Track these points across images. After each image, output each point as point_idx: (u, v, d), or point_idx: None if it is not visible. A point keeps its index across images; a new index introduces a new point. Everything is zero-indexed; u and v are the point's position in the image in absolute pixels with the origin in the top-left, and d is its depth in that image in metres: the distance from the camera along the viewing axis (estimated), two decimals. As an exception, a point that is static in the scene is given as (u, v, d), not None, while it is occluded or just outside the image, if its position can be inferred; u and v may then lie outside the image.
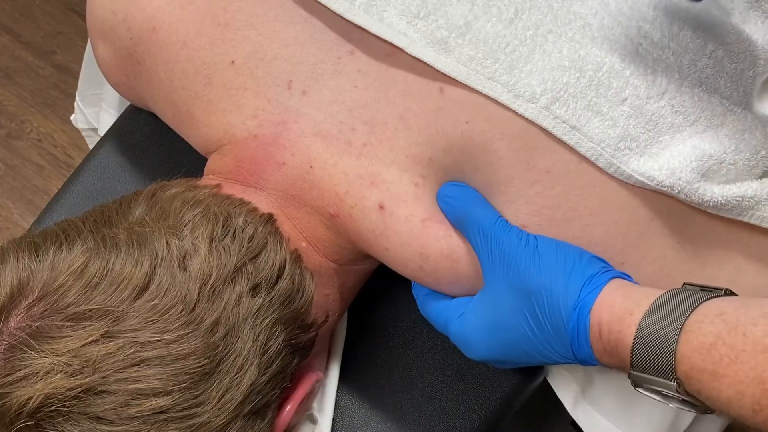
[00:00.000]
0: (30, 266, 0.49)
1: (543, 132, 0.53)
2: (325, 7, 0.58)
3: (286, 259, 0.56)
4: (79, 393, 0.46)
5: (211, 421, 0.49)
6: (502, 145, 0.54)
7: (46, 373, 0.46)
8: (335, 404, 0.68)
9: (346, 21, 0.58)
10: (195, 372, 0.49)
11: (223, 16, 0.61)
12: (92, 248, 0.50)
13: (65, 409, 0.46)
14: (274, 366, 0.53)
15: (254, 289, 0.53)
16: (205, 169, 0.64)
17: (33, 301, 0.48)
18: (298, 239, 0.60)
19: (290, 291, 0.55)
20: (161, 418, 0.48)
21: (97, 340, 0.47)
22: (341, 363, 0.69)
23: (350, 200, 0.58)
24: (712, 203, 0.54)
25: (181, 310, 0.49)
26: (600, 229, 0.54)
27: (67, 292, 0.48)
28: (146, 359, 0.47)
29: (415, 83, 0.57)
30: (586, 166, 0.54)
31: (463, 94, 0.55)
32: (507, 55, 0.54)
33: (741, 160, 0.55)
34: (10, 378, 0.46)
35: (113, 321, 0.47)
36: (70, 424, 0.46)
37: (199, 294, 0.50)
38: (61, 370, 0.46)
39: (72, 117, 1.01)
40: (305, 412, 0.65)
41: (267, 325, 0.53)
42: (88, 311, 0.47)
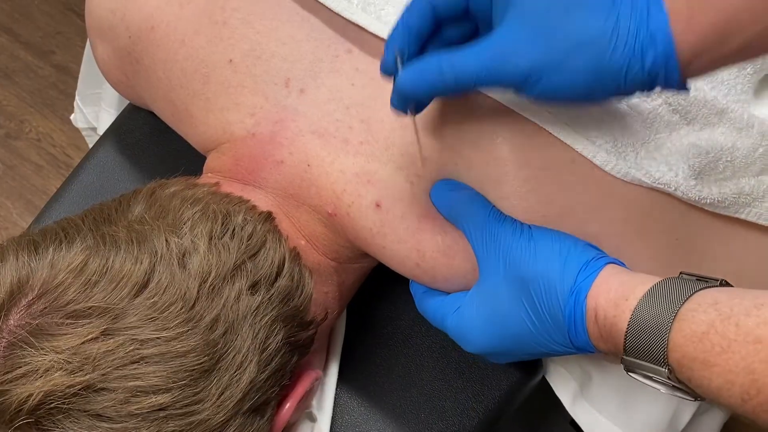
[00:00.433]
0: (29, 264, 0.49)
1: (538, 129, 0.54)
2: (323, 6, 0.58)
3: (285, 257, 0.56)
4: (78, 390, 0.46)
5: (211, 418, 0.50)
6: (497, 143, 0.54)
7: (46, 370, 0.46)
8: (334, 402, 0.68)
9: (343, 19, 0.58)
10: (194, 369, 0.49)
11: (221, 15, 0.61)
12: (92, 246, 0.50)
13: (65, 406, 0.46)
14: (274, 363, 0.53)
15: (253, 287, 0.53)
16: (204, 167, 0.64)
17: (33, 298, 0.48)
18: (297, 237, 0.60)
19: (289, 288, 0.55)
20: (161, 415, 0.48)
21: (96, 338, 0.47)
22: (340, 361, 0.70)
23: (347, 198, 0.58)
24: (709, 201, 0.54)
25: (181, 308, 0.49)
26: (595, 225, 0.54)
27: (67, 289, 0.48)
28: (146, 356, 0.47)
29: None
30: (582, 163, 0.54)
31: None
32: None
33: (738, 158, 0.55)
34: (9, 375, 0.46)
35: (113, 318, 0.47)
36: (70, 422, 0.46)
37: (198, 291, 0.50)
38: (61, 368, 0.46)
39: (71, 116, 1.01)
40: (304, 410, 0.65)
41: (266, 322, 0.53)
42: (88, 309, 0.47)
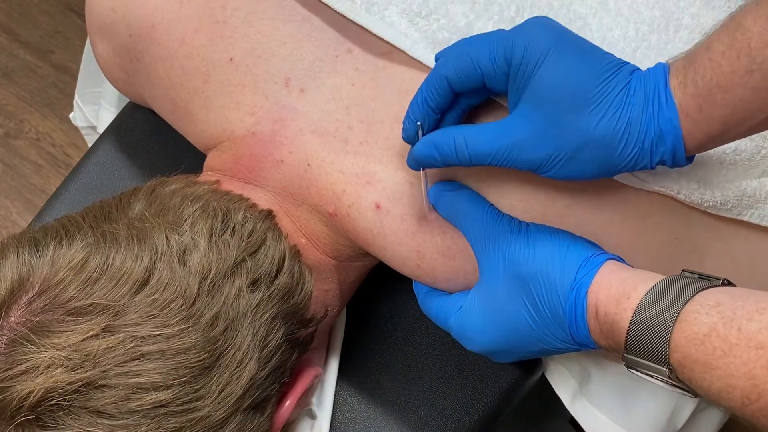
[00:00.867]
0: (30, 262, 0.49)
1: None
2: (326, 6, 0.58)
3: (285, 255, 0.56)
4: (79, 387, 0.46)
5: (211, 415, 0.50)
6: None
7: (47, 367, 0.46)
8: (334, 399, 0.69)
9: (344, 19, 0.58)
10: (195, 366, 0.49)
11: (221, 14, 0.61)
12: (92, 243, 0.50)
13: (66, 403, 0.46)
14: (274, 360, 0.54)
15: (254, 284, 0.53)
16: (204, 165, 0.64)
17: (33, 296, 0.48)
18: (298, 235, 0.60)
19: (289, 286, 0.56)
20: (161, 412, 0.48)
21: (97, 335, 0.47)
22: (340, 358, 0.70)
23: (347, 199, 0.58)
24: (711, 203, 0.54)
25: (181, 305, 0.49)
26: (594, 225, 0.55)
27: (68, 287, 0.48)
28: (146, 353, 0.47)
29: (412, 83, 0.57)
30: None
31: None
32: None
33: (741, 161, 0.55)
34: (10, 372, 0.46)
35: (113, 315, 0.48)
36: (71, 418, 0.46)
37: (198, 289, 0.50)
38: (62, 365, 0.46)
39: (71, 115, 1.01)
40: (304, 407, 0.65)
41: (266, 319, 0.53)
42: (89, 306, 0.48)
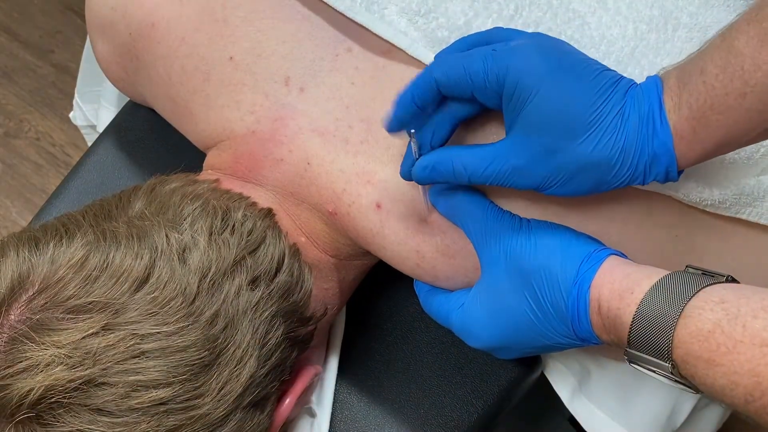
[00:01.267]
0: (30, 260, 0.49)
1: None
2: (325, 4, 0.59)
3: (284, 253, 0.56)
4: (79, 385, 0.46)
5: (211, 412, 0.50)
6: (494, 141, 0.54)
7: (47, 365, 0.46)
8: (334, 398, 0.69)
9: (344, 18, 0.59)
10: (195, 364, 0.49)
11: (221, 12, 0.61)
12: (92, 242, 0.50)
13: (66, 400, 0.46)
14: (274, 358, 0.54)
15: (253, 282, 0.53)
16: (204, 164, 0.64)
17: (33, 294, 0.48)
18: (297, 234, 0.60)
19: (289, 284, 0.56)
20: (161, 409, 0.48)
21: (97, 333, 0.47)
22: (340, 357, 0.70)
23: (348, 198, 0.58)
24: (710, 202, 0.54)
25: (181, 303, 0.49)
26: (595, 224, 0.55)
27: (68, 284, 0.48)
28: (146, 351, 0.47)
29: None
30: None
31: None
32: None
33: (740, 159, 0.55)
34: (11, 370, 0.46)
35: (113, 313, 0.48)
36: (71, 416, 0.46)
37: (198, 287, 0.50)
38: (62, 362, 0.46)
39: (71, 114, 1.01)
40: (304, 405, 0.65)
41: (266, 317, 0.53)
42: (88, 304, 0.48)
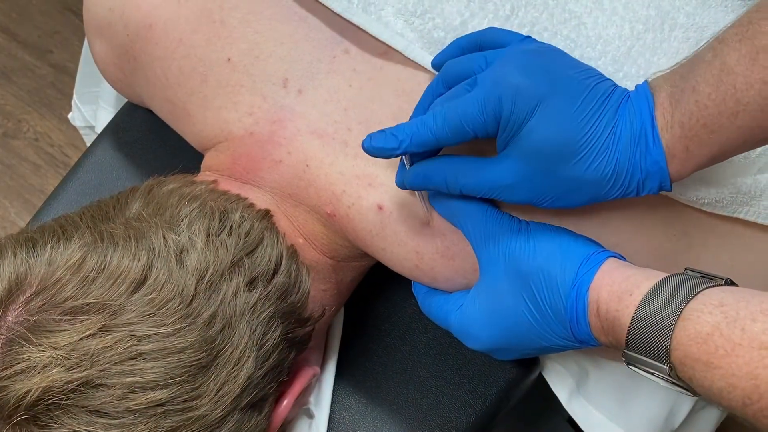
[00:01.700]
0: (27, 261, 0.49)
1: None
2: (323, 6, 0.59)
3: (282, 254, 0.56)
4: (76, 386, 0.46)
5: (209, 414, 0.50)
6: (492, 143, 0.54)
7: (44, 366, 0.46)
8: (332, 399, 0.69)
9: (341, 20, 0.59)
10: (192, 365, 0.49)
11: (219, 14, 0.61)
12: (89, 243, 0.50)
13: (63, 402, 0.46)
14: (271, 360, 0.54)
15: (251, 284, 0.53)
16: (202, 165, 0.64)
17: (31, 295, 0.48)
18: (295, 235, 0.60)
19: (287, 285, 0.56)
20: (158, 411, 0.48)
21: (94, 334, 0.47)
22: (338, 358, 0.70)
23: (347, 200, 0.58)
24: (707, 201, 0.54)
25: (178, 304, 0.49)
26: (593, 223, 0.55)
27: (65, 286, 0.48)
28: (144, 353, 0.47)
29: (408, 83, 0.57)
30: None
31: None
32: None
33: (737, 159, 0.55)
34: (8, 372, 0.46)
35: (111, 315, 0.48)
36: (68, 417, 0.46)
37: (196, 288, 0.50)
38: (59, 364, 0.46)
39: (69, 115, 1.01)
40: (302, 406, 0.65)
41: (264, 319, 0.53)
42: (86, 305, 0.48)
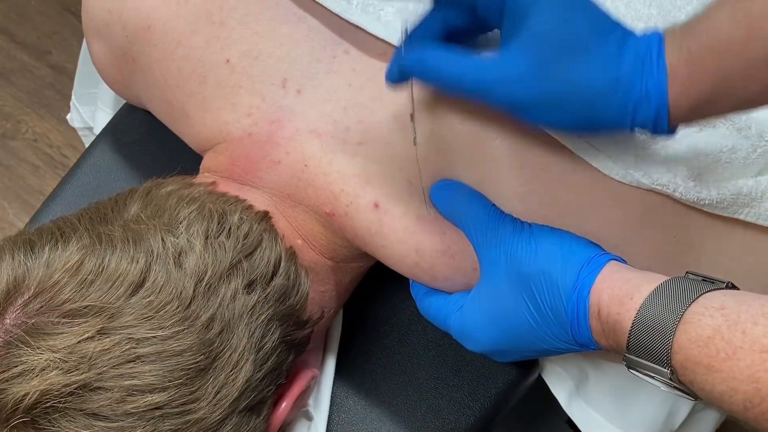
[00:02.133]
0: (26, 263, 0.49)
1: (538, 131, 0.54)
2: (321, 6, 0.58)
3: (281, 256, 0.56)
4: (74, 389, 0.46)
5: (207, 417, 0.50)
6: (495, 144, 0.54)
7: (42, 369, 0.46)
8: (331, 401, 0.69)
9: (340, 20, 0.59)
10: (190, 368, 0.49)
11: (218, 15, 0.61)
12: (87, 245, 0.50)
13: (61, 405, 0.46)
14: (270, 362, 0.53)
15: (249, 286, 0.53)
16: (201, 167, 0.64)
17: (29, 298, 0.48)
18: (294, 237, 0.60)
19: (285, 287, 0.56)
20: (157, 414, 0.48)
21: (92, 337, 0.47)
22: (337, 360, 0.70)
23: (345, 199, 0.58)
24: (707, 202, 0.54)
25: (177, 307, 0.49)
26: (594, 225, 0.55)
27: (63, 289, 0.48)
28: (142, 356, 0.47)
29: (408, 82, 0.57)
30: (581, 164, 0.54)
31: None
32: None
33: (737, 159, 0.55)
34: (6, 374, 0.46)
35: (109, 318, 0.47)
36: (66, 421, 0.46)
37: (194, 291, 0.50)
38: (57, 367, 0.46)
39: (68, 116, 1.01)
40: (301, 408, 0.65)
41: (262, 321, 0.53)
42: (84, 308, 0.47)
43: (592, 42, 0.46)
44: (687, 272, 0.48)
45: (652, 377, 0.46)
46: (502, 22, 0.49)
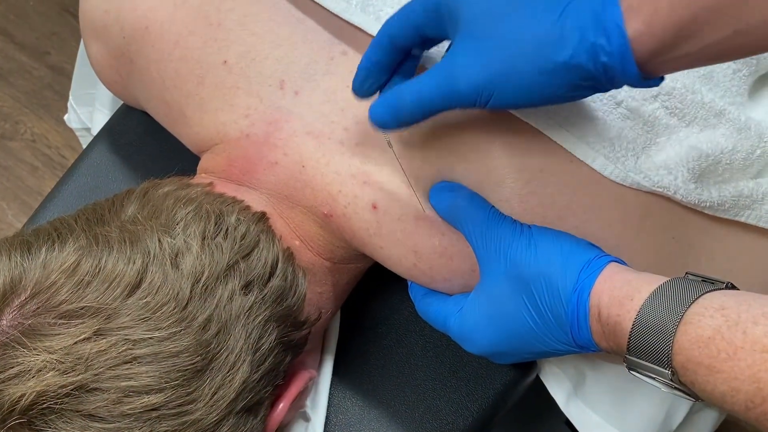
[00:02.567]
0: (22, 264, 0.49)
1: (536, 132, 0.54)
2: (320, 7, 0.58)
3: (278, 257, 0.56)
4: (71, 390, 0.46)
5: (204, 418, 0.49)
6: (495, 146, 0.54)
7: (39, 370, 0.46)
8: (328, 402, 0.68)
9: (339, 21, 0.58)
10: (187, 369, 0.49)
11: (215, 16, 0.61)
12: (84, 246, 0.50)
13: (57, 406, 0.46)
14: (267, 363, 0.53)
15: (246, 287, 0.53)
16: (198, 167, 0.64)
17: (25, 299, 0.48)
18: (291, 237, 0.60)
19: (283, 288, 0.55)
20: (153, 415, 0.48)
21: (89, 338, 0.47)
22: (334, 361, 0.70)
23: (343, 199, 0.58)
24: (708, 204, 0.54)
25: (174, 308, 0.49)
26: (594, 226, 0.55)
27: (60, 290, 0.48)
28: (138, 357, 0.47)
29: None
30: (581, 165, 0.54)
31: None
32: None
33: (737, 160, 0.55)
34: (2, 376, 0.46)
35: (105, 318, 0.47)
36: (63, 422, 0.46)
37: (191, 292, 0.50)
38: (54, 368, 0.46)
39: (65, 117, 1.01)
40: (298, 409, 0.65)
41: (259, 322, 0.53)
42: (80, 309, 0.47)
43: (527, 3, 0.44)
44: (687, 273, 0.48)
45: (653, 378, 0.46)
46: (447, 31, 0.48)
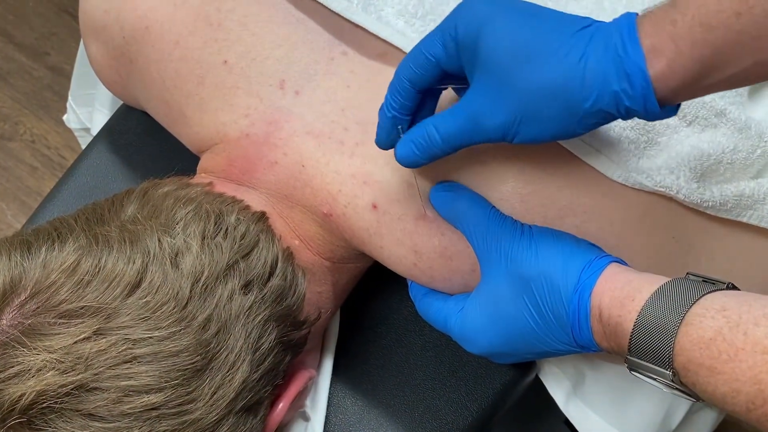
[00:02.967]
0: (22, 264, 0.49)
1: None
2: (321, 6, 0.59)
3: (278, 257, 0.56)
4: (71, 390, 0.46)
5: (203, 417, 0.50)
6: (496, 146, 0.54)
7: (39, 370, 0.46)
8: (328, 401, 0.68)
9: (339, 21, 0.59)
10: (187, 369, 0.49)
11: (216, 16, 0.61)
12: (84, 246, 0.50)
13: (57, 406, 0.46)
14: (267, 363, 0.53)
15: (246, 287, 0.53)
16: (198, 167, 0.64)
17: (25, 298, 0.48)
18: (291, 237, 0.60)
19: (282, 288, 0.55)
20: (153, 414, 0.48)
21: (89, 338, 0.47)
22: (334, 360, 0.70)
23: (343, 199, 0.58)
24: (710, 203, 0.54)
25: (173, 307, 0.49)
26: (594, 225, 0.55)
27: (59, 289, 0.48)
28: (138, 356, 0.47)
29: None
30: (582, 165, 0.54)
31: (456, 97, 0.55)
32: None
33: (738, 160, 0.55)
34: (2, 375, 0.46)
35: (105, 318, 0.47)
36: (63, 421, 0.46)
37: (191, 291, 0.50)
38: (54, 367, 0.46)
39: (64, 117, 1.01)
40: (298, 409, 0.65)
41: (259, 322, 0.53)
42: (80, 308, 0.47)
43: (543, 41, 0.45)
44: (688, 273, 0.48)
45: (654, 379, 0.46)
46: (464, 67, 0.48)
